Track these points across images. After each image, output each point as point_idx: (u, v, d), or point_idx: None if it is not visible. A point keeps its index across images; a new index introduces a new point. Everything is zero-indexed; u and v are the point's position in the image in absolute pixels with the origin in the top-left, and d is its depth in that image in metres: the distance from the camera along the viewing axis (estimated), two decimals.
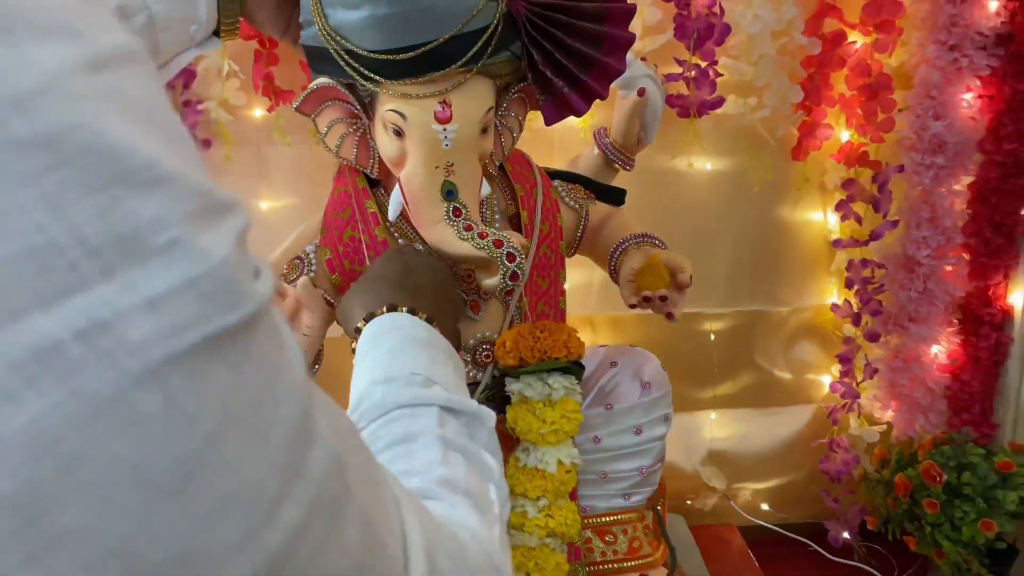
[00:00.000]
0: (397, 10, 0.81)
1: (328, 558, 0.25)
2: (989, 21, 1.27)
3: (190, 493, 0.20)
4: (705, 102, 1.28)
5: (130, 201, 0.20)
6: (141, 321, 0.20)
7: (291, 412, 0.24)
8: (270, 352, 0.23)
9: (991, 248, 1.35)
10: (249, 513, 0.22)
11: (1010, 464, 1.25)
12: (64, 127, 0.20)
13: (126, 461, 0.20)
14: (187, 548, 0.20)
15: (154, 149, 0.21)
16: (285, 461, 0.23)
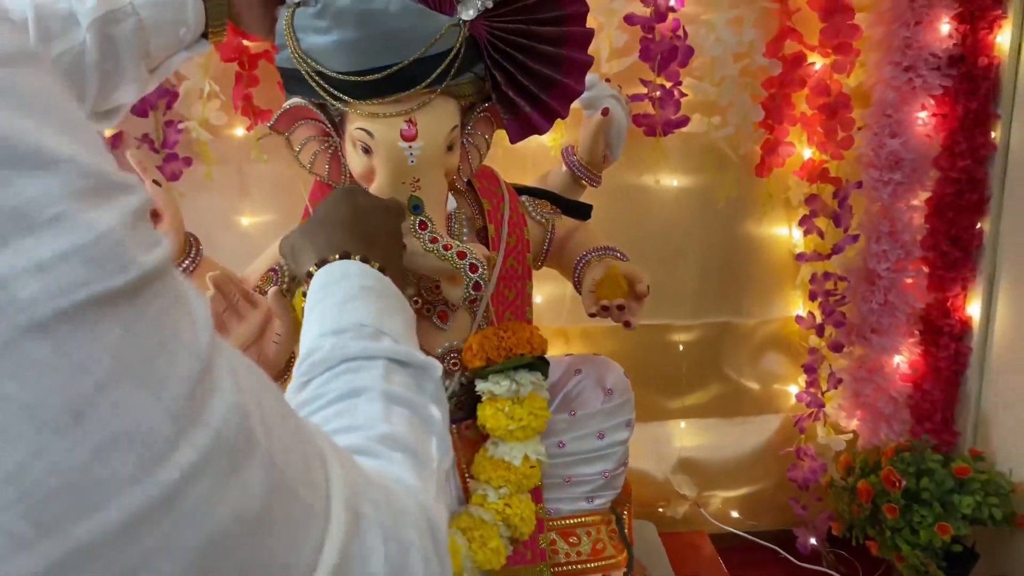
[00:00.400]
0: (364, 35, 0.86)
1: (227, 498, 0.28)
2: (941, 43, 1.32)
3: (82, 429, 0.24)
4: (670, 121, 1.33)
5: (19, 181, 0.24)
6: (30, 281, 0.24)
7: (188, 366, 0.27)
8: (167, 312, 0.27)
9: (949, 261, 1.40)
10: (143, 452, 0.25)
11: (967, 470, 1.29)
12: None
13: (18, 400, 0.23)
14: (80, 477, 0.24)
15: (45, 137, 0.25)
16: (181, 409, 0.27)
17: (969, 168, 1.35)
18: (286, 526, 0.31)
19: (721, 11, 1.32)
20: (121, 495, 0.25)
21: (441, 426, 0.52)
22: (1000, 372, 1.40)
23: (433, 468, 0.48)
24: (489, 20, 0.92)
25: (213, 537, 0.28)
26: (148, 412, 0.26)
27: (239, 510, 0.28)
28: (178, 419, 0.26)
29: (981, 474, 1.30)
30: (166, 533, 0.26)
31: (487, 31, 0.92)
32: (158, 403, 0.26)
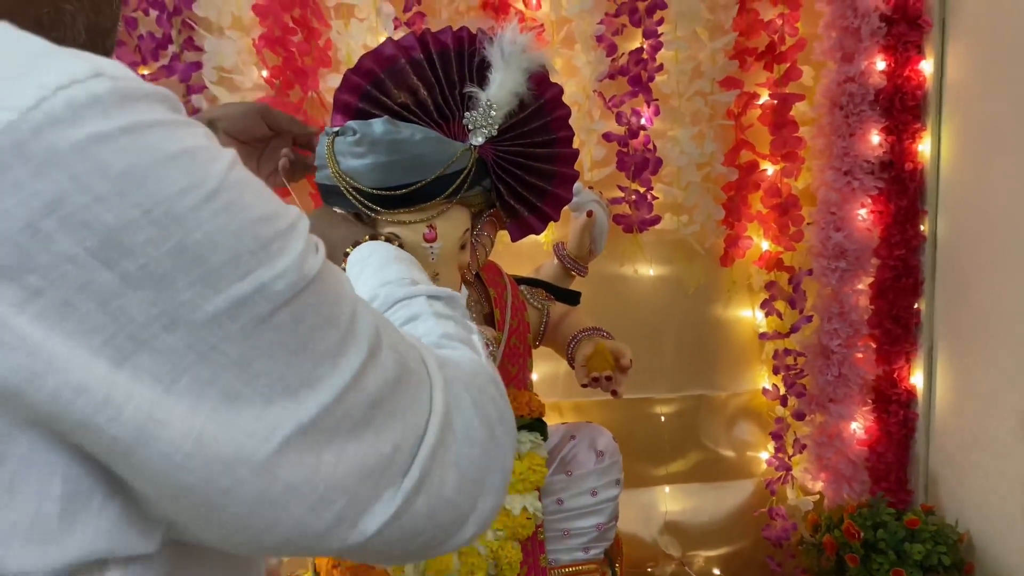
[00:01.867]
0: (394, 159, 1.06)
1: (379, 375, 0.42)
2: (873, 151, 1.56)
3: (300, 332, 0.38)
4: (644, 220, 1.55)
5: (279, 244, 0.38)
6: (281, 280, 0.37)
7: (349, 305, 0.43)
8: (336, 279, 0.42)
9: (892, 337, 1.59)
10: (323, 355, 0.39)
11: (916, 521, 1.45)
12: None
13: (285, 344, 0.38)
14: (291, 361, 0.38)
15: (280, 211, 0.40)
16: (346, 328, 0.41)
17: (904, 256, 1.57)
18: (408, 386, 0.46)
19: (685, 127, 1.56)
20: (321, 382, 0.40)
21: (476, 330, 0.68)
22: (943, 434, 1.59)
23: (481, 352, 0.62)
24: (495, 144, 1.13)
25: (372, 397, 0.43)
26: (329, 332, 0.41)
27: (387, 381, 0.44)
28: (344, 334, 0.42)
29: (931, 525, 1.46)
30: (350, 404, 0.41)
31: (493, 153, 1.13)
32: (334, 326, 0.41)
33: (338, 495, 0.40)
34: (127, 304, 0.33)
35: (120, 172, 0.33)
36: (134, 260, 0.33)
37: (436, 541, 0.48)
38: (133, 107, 0.34)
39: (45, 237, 0.31)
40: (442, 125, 1.13)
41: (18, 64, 0.33)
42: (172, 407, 0.35)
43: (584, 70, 1.51)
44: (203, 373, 0.35)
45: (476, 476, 0.49)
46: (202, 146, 0.36)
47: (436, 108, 1.12)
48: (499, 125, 1.14)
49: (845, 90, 1.53)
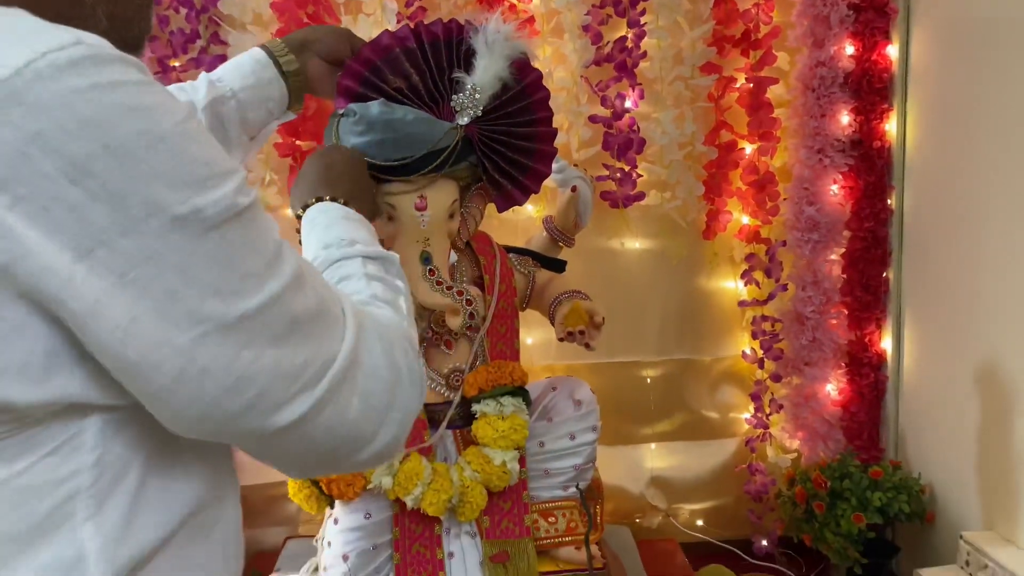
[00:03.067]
0: (388, 136, 1.21)
1: (297, 304, 0.51)
2: (843, 131, 1.67)
3: (229, 251, 0.47)
4: (629, 196, 1.68)
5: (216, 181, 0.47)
6: (212, 207, 0.46)
7: (274, 244, 0.51)
8: (265, 223, 0.51)
9: (863, 304, 1.71)
10: (248, 273, 0.48)
11: (880, 472, 1.57)
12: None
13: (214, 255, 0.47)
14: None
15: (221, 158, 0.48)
16: (271, 258, 0.50)
17: (873, 228, 1.68)
18: (324, 321, 0.55)
19: (667, 110, 1.68)
20: (244, 296, 0.49)
21: (405, 292, 0.74)
22: (910, 395, 1.70)
23: (403, 314, 0.70)
24: (479, 124, 1.27)
25: (290, 317, 0.51)
26: (256, 260, 0.50)
27: (305, 312, 0.53)
28: (267, 264, 0.51)
29: (894, 476, 1.58)
30: (271, 318, 0.50)
31: (478, 132, 1.28)
32: (261, 256, 0.50)
33: (250, 385, 0.49)
34: (89, 213, 0.43)
35: (88, 117, 0.43)
36: (95, 180, 0.43)
37: (338, 455, 0.57)
38: (105, 68, 0.44)
39: (29, 159, 0.41)
40: (432, 107, 1.27)
41: (18, 34, 0.43)
42: (119, 294, 0.45)
43: (572, 57, 1.64)
44: (148, 272, 0.45)
45: (379, 408, 0.57)
46: (159, 103, 0.46)
47: (427, 92, 1.27)
48: (483, 106, 1.28)
49: (816, 74, 1.64)
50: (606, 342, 1.72)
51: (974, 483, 1.49)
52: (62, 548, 0.49)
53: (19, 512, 0.48)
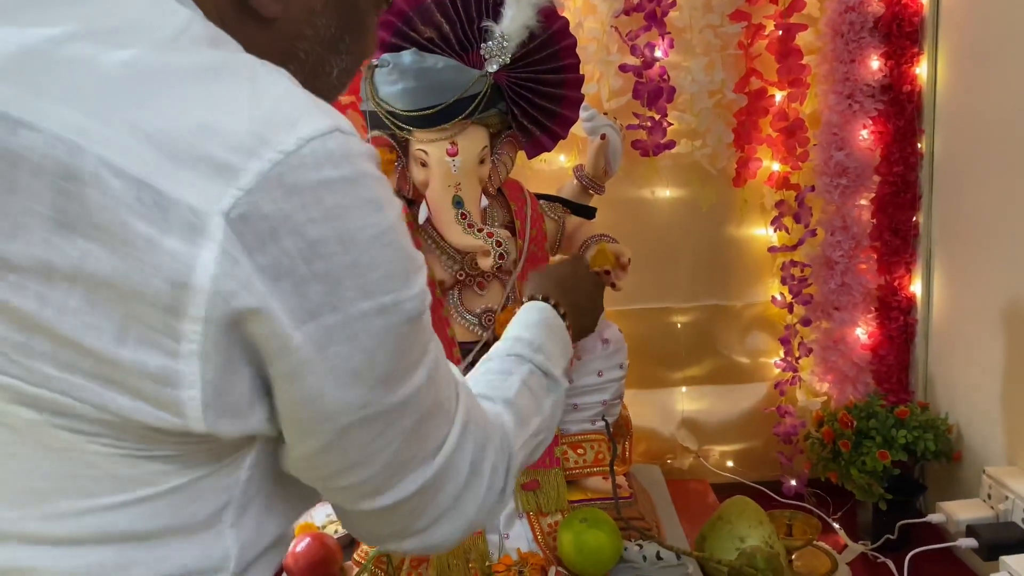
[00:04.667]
0: (422, 84, 1.27)
1: (428, 398, 0.57)
2: (873, 76, 1.67)
3: (406, 343, 0.54)
4: (659, 145, 1.71)
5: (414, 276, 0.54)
6: (410, 301, 0.52)
7: (428, 337, 0.57)
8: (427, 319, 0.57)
9: (892, 248, 1.72)
10: (411, 365, 0.55)
11: (906, 412, 1.60)
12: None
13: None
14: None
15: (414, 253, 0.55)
16: (422, 353, 0.56)
17: (902, 173, 1.69)
18: (440, 418, 0.61)
19: (697, 58, 1.71)
20: (409, 382, 0.56)
21: (546, 414, 0.82)
22: (939, 338, 1.71)
23: (529, 433, 0.77)
24: (508, 71, 1.33)
25: (423, 412, 0.58)
26: (418, 353, 0.57)
27: (433, 402, 0.59)
28: (420, 357, 0.57)
29: (921, 416, 1.60)
30: (409, 409, 0.56)
31: (507, 79, 1.33)
32: (421, 351, 0.57)
33: (364, 470, 0.57)
34: (310, 290, 0.48)
35: (331, 206, 0.48)
36: (322, 263, 0.48)
37: (394, 536, 0.64)
38: (353, 162, 0.49)
39: (278, 237, 0.47)
40: (462, 55, 1.33)
41: (289, 115, 0.47)
42: (317, 366, 0.50)
43: (601, 7, 1.67)
44: (343, 350, 0.51)
45: (442, 506, 0.63)
46: (386, 198, 0.52)
47: (457, 41, 1.33)
48: (512, 54, 1.33)
49: (846, 19, 1.65)
50: (637, 289, 1.78)
51: (1000, 421, 1.51)
52: (209, 547, 0.55)
53: (189, 509, 0.54)
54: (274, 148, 0.46)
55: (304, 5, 0.59)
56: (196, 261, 0.45)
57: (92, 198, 0.45)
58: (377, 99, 1.32)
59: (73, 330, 0.47)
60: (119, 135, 0.45)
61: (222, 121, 0.46)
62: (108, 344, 0.47)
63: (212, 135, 0.45)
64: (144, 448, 0.51)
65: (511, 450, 0.72)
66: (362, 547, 1.37)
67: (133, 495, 0.52)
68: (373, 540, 0.70)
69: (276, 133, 0.46)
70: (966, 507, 1.45)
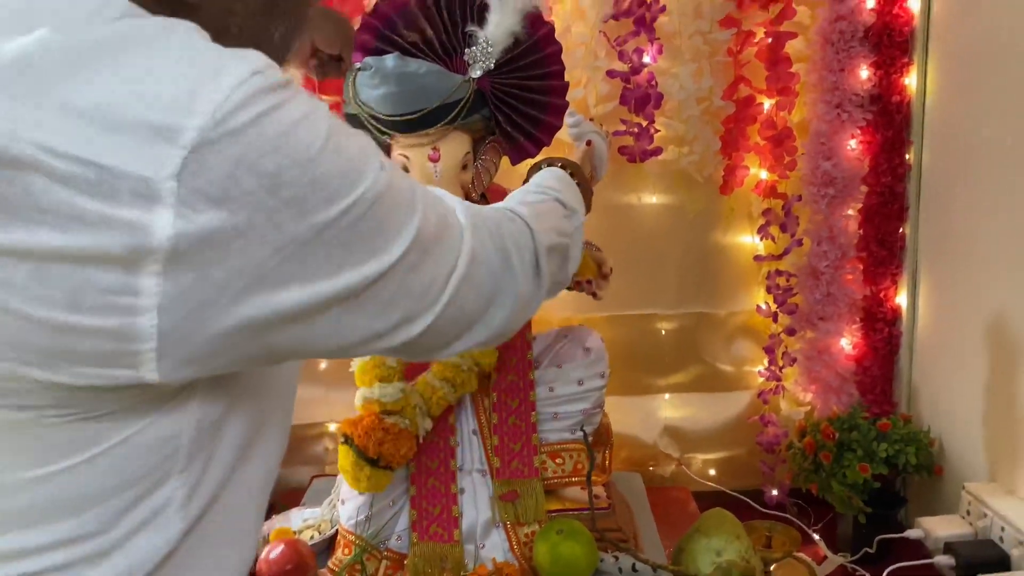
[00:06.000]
0: (404, 88, 1.26)
1: (426, 232, 0.59)
2: (862, 85, 1.66)
3: (381, 218, 0.56)
4: (646, 151, 1.70)
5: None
6: (371, 188, 0.55)
7: (408, 187, 0.60)
8: (397, 174, 0.59)
9: (878, 260, 1.71)
10: (401, 229, 0.57)
11: (888, 425, 1.59)
12: None
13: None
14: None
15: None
16: (409, 201, 0.59)
17: (890, 184, 1.68)
18: (447, 235, 0.64)
19: (685, 65, 1.69)
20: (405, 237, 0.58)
21: (571, 231, 0.91)
22: (924, 350, 1.71)
23: (549, 226, 0.84)
24: (492, 77, 1.31)
25: (426, 245, 0.60)
26: (404, 212, 0.59)
27: (429, 231, 0.61)
28: (409, 212, 0.59)
29: (903, 429, 1.60)
30: (411, 255, 0.59)
31: (491, 85, 1.31)
32: (407, 207, 0.59)
33: (397, 309, 0.60)
34: (283, 218, 0.50)
35: (273, 135, 0.49)
36: (286, 189, 0.49)
37: (458, 338, 0.69)
38: (276, 91, 0.50)
39: (237, 180, 0.48)
40: (446, 60, 1.32)
41: (211, 68, 0.48)
42: (313, 262, 0.52)
43: (590, 12, 1.66)
44: (325, 253, 0.53)
45: (489, 294, 0.69)
46: (314, 108, 0.52)
47: (441, 45, 1.31)
48: (496, 60, 1.32)
49: (836, 28, 1.64)
50: (623, 295, 1.77)
51: (981, 437, 1.51)
52: (155, 499, 0.56)
53: (132, 466, 0.55)
54: (206, 101, 0.47)
55: None
56: (153, 226, 0.46)
57: (36, 184, 0.45)
58: (359, 102, 1.30)
59: (21, 305, 0.47)
60: (52, 117, 0.45)
61: (152, 86, 0.47)
62: (59, 313, 0.47)
63: (145, 101, 0.46)
64: (89, 410, 0.52)
65: (532, 231, 0.78)
66: (337, 554, 1.36)
67: (82, 457, 0.53)
68: (435, 354, 0.70)
69: (204, 86, 0.47)
70: (945, 523, 1.44)
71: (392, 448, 1.30)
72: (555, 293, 0.93)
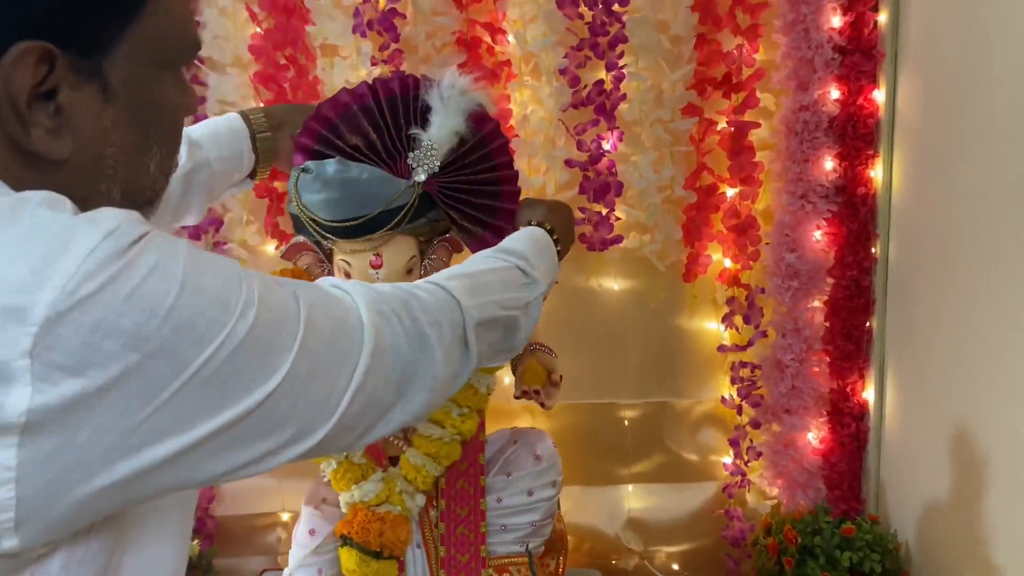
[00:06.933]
0: (345, 194, 1.22)
1: (314, 342, 0.57)
2: (827, 176, 1.63)
3: (260, 347, 0.53)
4: (606, 240, 1.66)
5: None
6: (242, 322, 0.52)
7: (285, 301, 0.57)
8: (270, 293, 0.56)
9: (845, 353, 1.67)
10: (282, 350, 0.54)
11: (852, 529, 1.54)
12: None
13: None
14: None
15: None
16: (291, 323, 0.56)
17: (856, 277, 1.64)
18: (344, 338, 0.61)
19: (646, 153, 1.66)
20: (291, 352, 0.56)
21: (523, 303, 0.88)
22: (892, 448, 1.66)
23: (490, 300, 0.80)
24: (438, 179, 1.27)
25: (316, 357, 0.57)
26: (284, 334, 0.56)
27: (322, 338, 0.59)
28: (293, 333, 0.57)
29: (867, 534, 1.54)
30: (299, 367, 0.56)
31: (437, 186, 1.27)
32: (286, 329, 0.56)
33: (290, 425, 0.57)
34: (153, 371, 0.49)
35: (128, 294, 0.48)
36: (151, 343, 0.48)
37: (368, 428, 0.65)
38: (128, 249, 0.49)
39: (95, 345, 0.47)
40: (390, 164, 1.27)
41: (60, 242, 0.48)
42: (190, 407, 0.51)
43: (549, 101, 1.63)
44: (197, 395, 0.51)
45: (400, 380, 0.66)
46: (165, 252, 0.51)
47: (384, 149, 1.27)
48: (440, 162, 1.27)
49: (800, 118, 1.61)
50: (584, 382, 1.73)
51: (947, 543, 1.45)
52: None
53: None
54: (56, 275, 0.47)
55: (94, 130, 0.57)
56: (6, 405, 0.46)
57: None
58: (300, 205, 1.25)
59: None
60: None
61: (3, 270, 0.47)
62: None
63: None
64: None
65: (461, 306, 0.75)
66: None
67: None
68: (350, 447, 0.67)
69: (54, 261, 0.47)
70: None
71: (392, 536, 1.28)
72: (503, 360, 0.92)
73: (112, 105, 0.57)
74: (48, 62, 0.53)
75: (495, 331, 0.82)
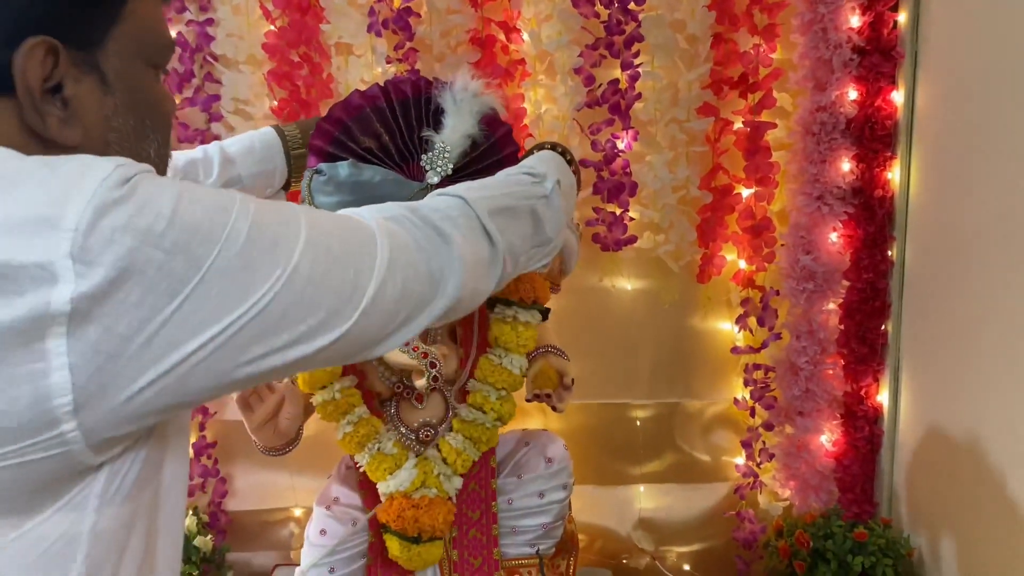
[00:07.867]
0: (358, 197, 1.21)
1: (320, 250, 0.61)
2: (844, 178, 1.61)
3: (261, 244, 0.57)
4: (620, 240, 1.65)
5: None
6: (238, 232, 0.57)
7: (289, 217, 0.61)
8: (273, 218, 0.60)
9: (859, 356, 1.66)
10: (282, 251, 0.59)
11: (864, 534, 1.53)
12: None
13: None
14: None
15: None
16: (287, 233, 0.60)
17: (872, 280, 1.62)
18: (352, 230, 0.65)
19: (661, 153, 1.65)
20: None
21: (532, 197, 0.89)
22: (905, 451, 1.64)
23: (500, 192, 0.85)
24: (451, 181, 1.27)
25: (309, 231, 0.61)
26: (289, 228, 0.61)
27: (316, 223, 0.62)
28: (289, 234, 0.60)
29: (880, 539, 1.53)
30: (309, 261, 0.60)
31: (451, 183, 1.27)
32: (284, 225, 0.60)
33: (318, 310, 0.61)
34: (174, 266, 0.54)
35: (138, 205, 0.53)
36: (167, 239, 0.54)
37: (407, 319, 0.69)
38: (136, 177, 0.55)
39: (118, 242, 0.52)
40: (402, 166, 1.27)
41: (82, 168, 0.54)
42: (218, 296, 0.56)
43: (563, 100, 1.62)
44: (223, 283, 0.56)
45: (428, 271, 0.70)
46: (163, 181, 0.56)
47: (397, 151, 1.27)
48: (453, 164, 1.27)
49: (817, 118, 1.59)
50: (597, 382, 1.72)
51: (961, 551, 1.44)
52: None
53: (34, 560, 0.56)
54: (81, 192, 0.53)
55: (98, 118, 0.64)
56: (52, 296, 0.51)
57: None
58: (314, 207, 1.26)
59: None
60: None
61: (34, 193, 0.53)
62: None
63: (30, 203, 0.53)
64: None
65: (465, 200, 0.78)
66: None
67: None
68: (386, 341, 0.69)
69: (79, 181, 0.54)
70: None
71: (429, 520, 1.28)
72: (546, 259, 0.92)
73: (110, 95, 0.64)
74: (53, 55, 0.59)
75: (518, 221, 0.85)
